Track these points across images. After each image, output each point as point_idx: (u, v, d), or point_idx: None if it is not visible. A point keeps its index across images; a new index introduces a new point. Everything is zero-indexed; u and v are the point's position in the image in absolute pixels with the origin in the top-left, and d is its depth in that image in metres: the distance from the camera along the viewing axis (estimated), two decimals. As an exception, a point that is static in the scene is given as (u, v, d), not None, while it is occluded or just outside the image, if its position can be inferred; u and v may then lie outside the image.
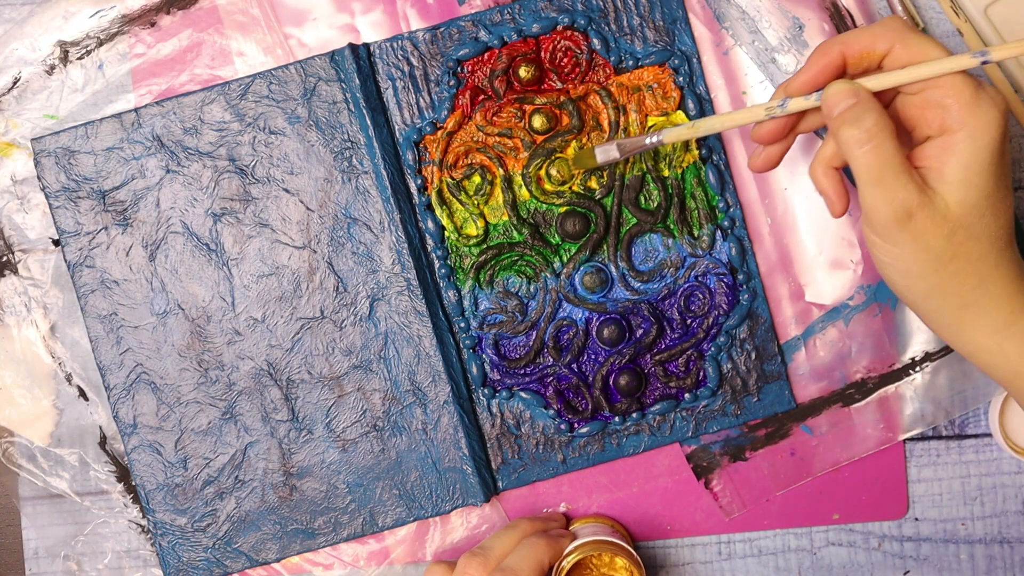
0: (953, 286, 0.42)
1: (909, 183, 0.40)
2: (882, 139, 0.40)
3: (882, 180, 0.40)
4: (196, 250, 0.54)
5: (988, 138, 0.40)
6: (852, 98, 0.41)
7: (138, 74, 0.55)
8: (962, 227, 0.41)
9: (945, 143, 0.41)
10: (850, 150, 0.41)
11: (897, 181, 0.40)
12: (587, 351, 0.55)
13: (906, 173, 0.40)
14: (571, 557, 0.51)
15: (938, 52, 0.41)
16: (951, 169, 0.40)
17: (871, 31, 0.42)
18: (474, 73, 0.54)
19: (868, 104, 0.41)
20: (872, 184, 0.41)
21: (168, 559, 0.55)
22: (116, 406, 0.55)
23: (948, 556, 0.56)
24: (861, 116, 0.41)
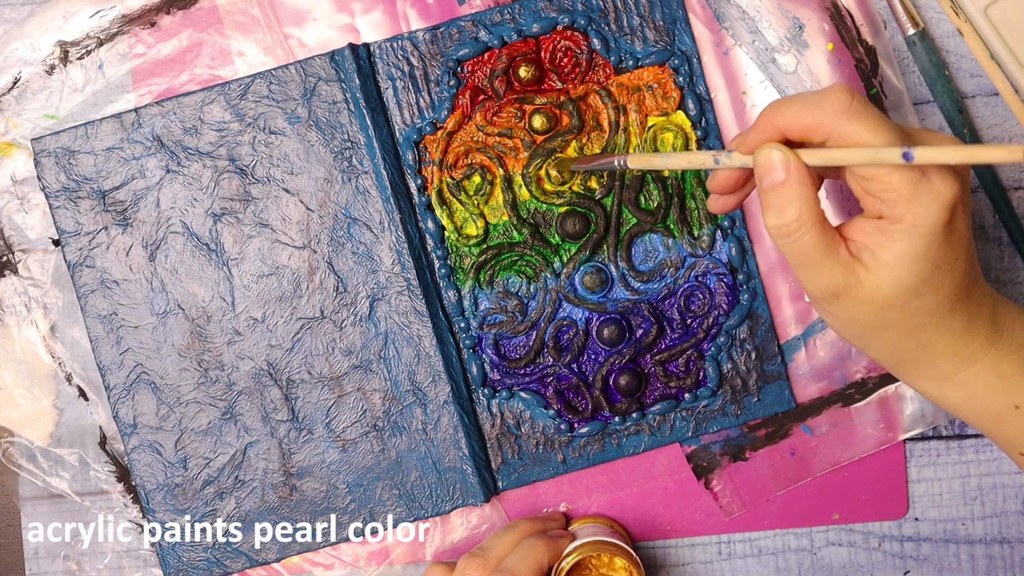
0: (888, 347, 0.42)
1: (835, 267, 0.39)
2: (803, 231, 0.39)
3: (805, 266, 0.40)
4: (196, 250, 0.54)
5: (926, 230, 0.38)
6: (781, 173, 0.39)
7: (138, 74, 0.55)
8: (894, 306, 0.40)
9: (882, 227, 0.39)
10: (773, 236, 0.40)
11: (820, 267, 0.39)
12: (587, 351, 0.55)
13: (830, 258, 0.39)
14: (571, 557, 0.51)
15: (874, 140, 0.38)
16: (885, 254, 0.39)
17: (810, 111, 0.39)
18: (474, 73, 0.54)
19: (793, 190, 0.39)
20: (796, 267, 0.40)
21: (168, 559, 0.55)
22: (116, 406, 0.55)
23: (948, 556, 0.56)
24: (784, 206, 0.39)
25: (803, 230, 0.39)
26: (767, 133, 0.40)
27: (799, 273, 0.41)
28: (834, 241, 0.40)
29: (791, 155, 0.39)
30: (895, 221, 0.38)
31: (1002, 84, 0.54)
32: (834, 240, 0.40)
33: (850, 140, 0.38)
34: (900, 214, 0.38)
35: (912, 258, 0.39)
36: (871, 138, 0.38)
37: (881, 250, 0.39)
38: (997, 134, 0.55)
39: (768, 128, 0.40)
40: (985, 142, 0.55)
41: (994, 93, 0.55)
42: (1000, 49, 0.53)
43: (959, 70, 0.55)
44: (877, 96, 0.54)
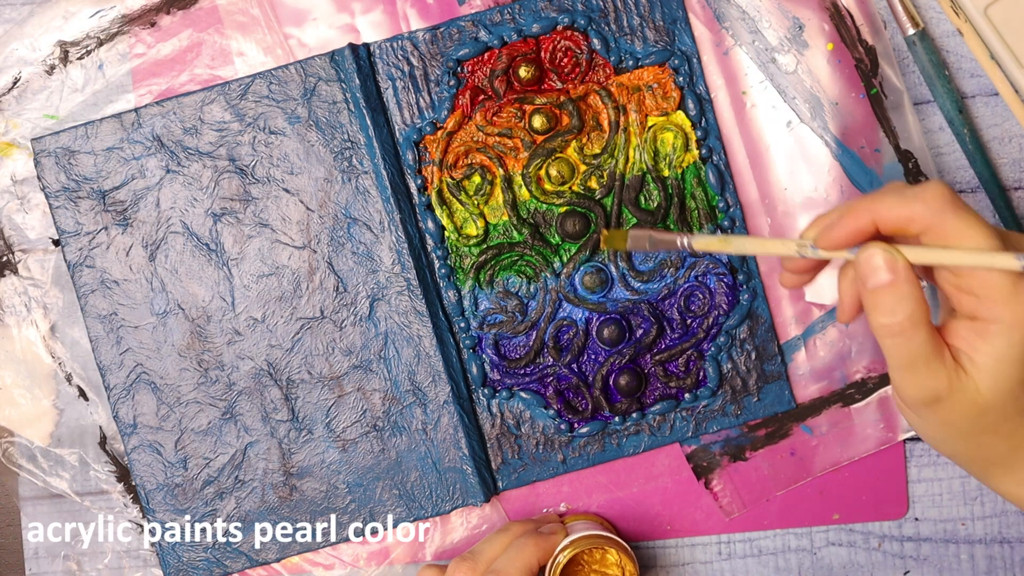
0: (981, 452, 0.41)
1: (940, 370, 0.39)
2: (915, 331, 0.38)
3: (913, 368, 0.39)
4: (196, 250, 0.54)
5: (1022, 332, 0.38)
6: (889, 274, 0.39)
7: (138, 74, 0.55)
8: (993, 409, 0.39)
9: (979, 329, 0.39)
10: (880, 336, 0.39)
11: (927, 368, 0.39)
12: (587, 351, 0.55)
13: (937, 359, 0.39)
14: (566, 552, 0.51)
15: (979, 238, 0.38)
16: (983, 358, 0.38)
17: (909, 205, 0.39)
18: (474, 73, 0.54)
19: (904, 289, 0.38)
20: (900, 369, 0.40)
21: (168, 559, 0.55)
22: (116, 406, 0.55)
23: (948, 556, 0.56)
24: (895, 305, 0.39)
25: (915, 329, 0.39)
26: (860, 223, 0.40)
27: (902, 375, 0.40)
28: (940, 344, 0.39)
29: (898, 255, 0.39)
30: (992, 321, 0.38)
31: (1002, 84, 0.54)
32: (940, 344, 0.39)
33: (951, 236, 0.38)
34: (998, 314, 0.38)
35: (1011, 359, 0.38)
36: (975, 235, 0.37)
37: (979, 353, 0.38)
38: (997, 134, 0.55)
39: (863, 218, 0.39)
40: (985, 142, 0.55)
41: (994, 93, 0.55)
42: (1000, 49, 0.53)
43: (959, 70, 0.55)
44: (877, 96, 0.54)
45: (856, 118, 0.55)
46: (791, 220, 0.55)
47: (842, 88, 0.54)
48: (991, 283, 0.38)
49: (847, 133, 0.55)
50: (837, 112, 0.54)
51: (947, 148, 0.55)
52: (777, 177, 0.55)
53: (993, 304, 0.38)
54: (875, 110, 0.54)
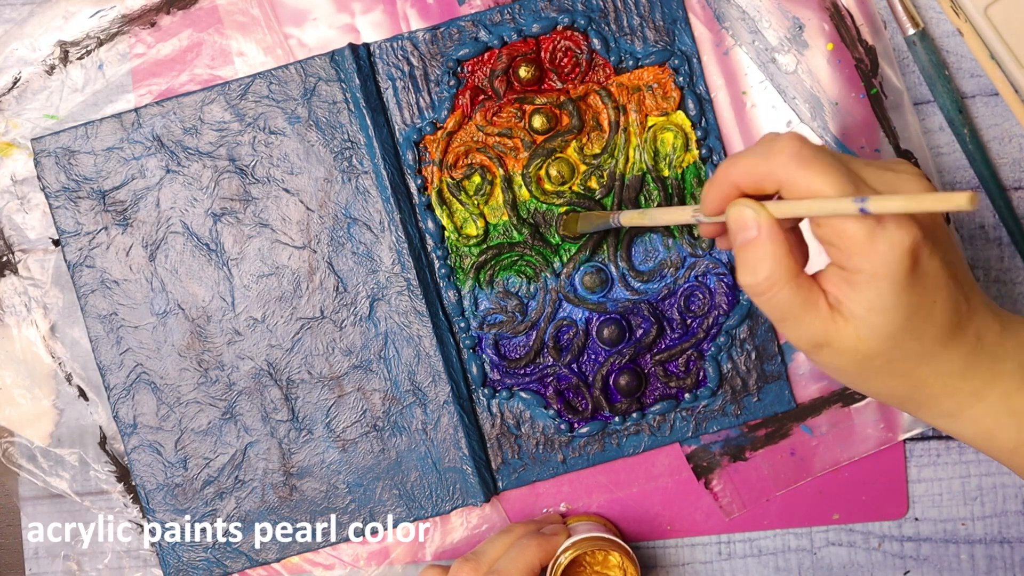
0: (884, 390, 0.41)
1: (813, 321, 0.39)
2: (776, 289, 0.38)
3: (784, 321, 0.39)
4: (196, 250, 0.54)
5: (890, 280, 0.37)
6: (752, 229, 0.39)
7: (138, 74, 0.55)
8: (877, 355, 0.39)
9: (848, 279, 0.38)
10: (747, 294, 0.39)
11: (799, 321, 0.39)
12: (587, 351, 0.55)
13: (808, 312, 0.38)
14: (568, 554, 0.51)
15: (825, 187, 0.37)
16: (855, 307, 0.38)
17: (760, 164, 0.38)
18: (474, 73, 0.54)
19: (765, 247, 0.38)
20: (778, 323, 0.40)
21: (168, 559, 0.55)
22: (116, 406, 0.55)
23: (948, 556, 0.56)
24: (756, 264, 0.38)
25: (776, 288, 0.38)
26: (724, 189, 0.40)
27: (779, 327, 0.40)
28: (812, 294, 0.39)
29: (761, 211, 0.38)
30: (855, 271, 0.37)
31: (1002, 84, 0.54)
32: (812, 293, 0.39)
33: (803, 188, 0.37)
34: (858, 264, 0.37)
35: (881, 308, 0.38)
36: (823, 186, 0.37)
37: (850, 302, 0.38)
38: (997, 134, 0.55)
39: (724, 184, 0.40)
40: (985, 142, 0.55)
41: (994, 93, 0.55)
42: (1000, 49, 0.53)
43: (959, 70, 0.55)
44: (877, 96, 0.54)
45: (856, 118, 0.55)
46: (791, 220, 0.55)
47: (842, 88, 0.54)
48: (847, 233, 0.37)
49: (847, 133, 0.55)
50: (837, 112, 0.54)
51: (947, 148, 0.55)
52: (777, 177, 0.55)
53: (852, 255, 0.37)
54: (875, 110, 0.54)
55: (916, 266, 0.37)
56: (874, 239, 0.37)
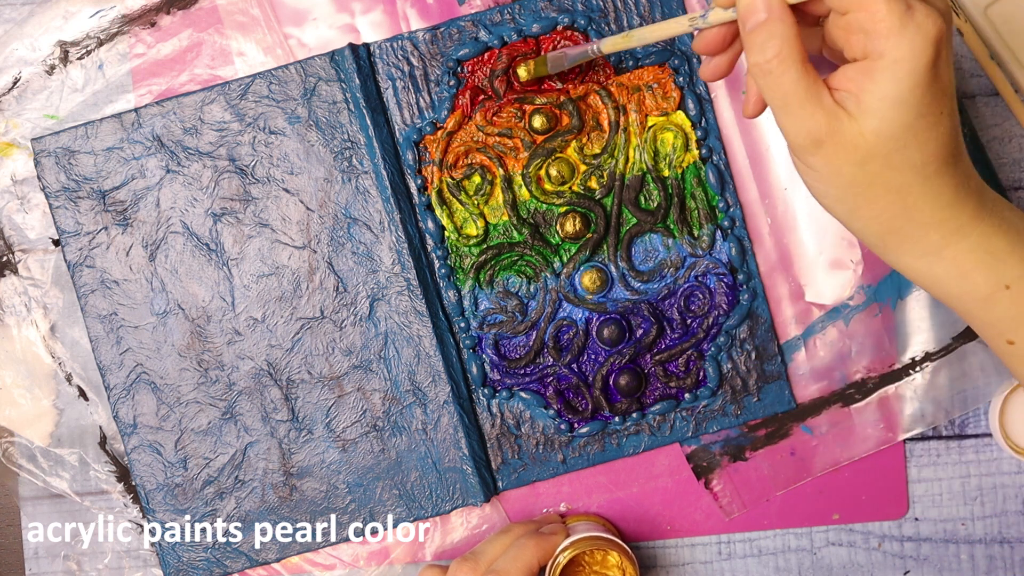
0: (874, 212, 0.41)
1: (816, 111, 0.38)
2: (784, 68, 0.38)
3: (787, 108, 0.39)
4: (196, 250, 0.54)
5: (911, 68, 0.37)
6: (762, 12, 0.38)
7: (138, 74, 0.55)
8: (878, 156, 0.39)
9: (865, 68, 0.38)
10: (754, 78, 0.39)
11: (802, 110, 0.38)
12: (587, 351, 0.55)
13: (812, 101, 0.38)
14: (566, 553, 0.51)
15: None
16: (868, 98, 0.38)
17: None
18: (474, 73, 0.54)
19: (774, 27, 0.38)
20: (778, 111, 0.39)
21: (168, 559, 0.55)
22: (116, 406, 0.55)
23: (948, 556, 0.56)
24: (765, 42, 0.38)
25: (784, 66, 0.38)
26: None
27: (780, 118, 0.40)
28: (816, 85, 0.38)
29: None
30: (878, 57, 0.37)
31: (1002, 84, 0.54)
32: (817, 84, 0.39)
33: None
34: (883, 48, 0.37)
35: (895, 99, 0.37)
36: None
37: (864, 93, 0.38)
38: (997, 134, 0.55)
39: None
40: (985, 142, 0.55)
41: (994, 93, 0.55)
42: (1000, 49, 0.53)
43: (959, 70, 0.55)
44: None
45: (856, 118, 0.54)
46: (791, 219, 0.55)
47: (842, 88, 0.54)
48: (878, 16, 0.37)
49: (847, 133, 0.55)
50: (837, 112, 0.54)
51: (947, 148, 0.55)
52: (777, 177, 0.55)
53: (879, 38, 0.37)
54: (875, 110, 0.54)
55: (936, 61, 0.37)
56: (904, 24, 0.37)
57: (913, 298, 0.55)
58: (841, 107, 0.38)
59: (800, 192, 0.55)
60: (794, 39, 0.38)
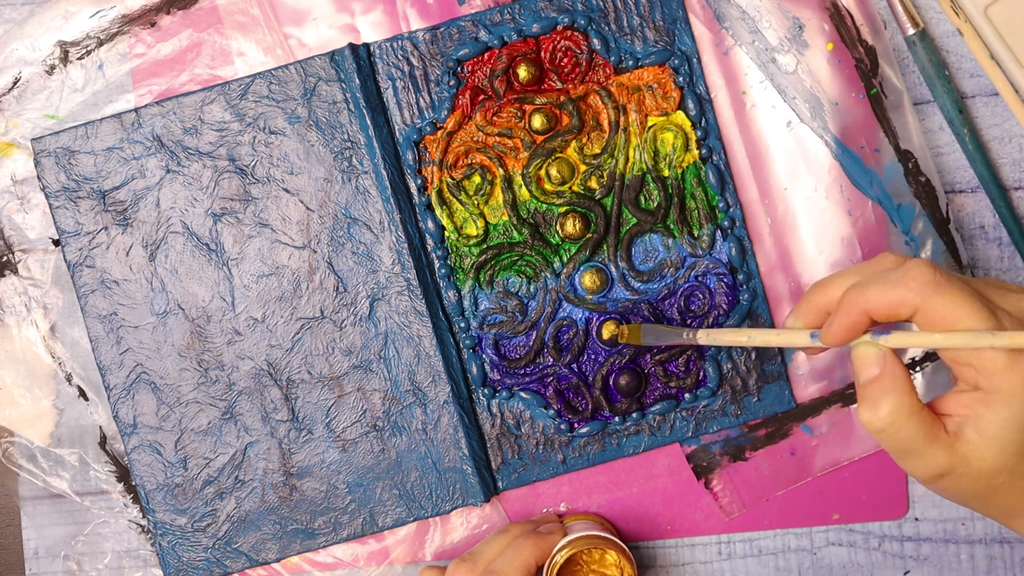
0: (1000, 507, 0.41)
1: (937, 452, 0.39)
2: (898, 426, 0.39)
3: (905, 455, 0.40)
4: (196, 250, 0.54)
5: None
6: (875, 367, 0.40)
7: (138, 74, 0.55)
8: (1002, 471, 0.39)
9: (981, 399, 0.39)
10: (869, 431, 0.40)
11: (922, 455, 0.40)
12: (587, 351, 0.55)
13: (931, 443, 0.39)
14: (563, 552, 0.51)
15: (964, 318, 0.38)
16: (988, 425, 0.39)
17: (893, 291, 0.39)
18: (474, 73, 0.54)
19: (887, 383, 0.40)
20: (898, 456, 0.40)
21: (168, 559, 0.55)
22: (116, 406, 0.55)
23: (948, 556, 0.56)
24: (878, 401, 0.40)
25: (898, 424, 0.39)
26: (853, 318, 0.41)
27: (899, 461, 0.41)
28: (933, 428, 0.39)
29: (886, 349, 0.40)
30: (992, 391, 0.38)
31: (1002, 84, 0.54)
32: (933, 426, 0.39)
33: (938, 316, 0.38)
34: (997, 385, 0.38)
35: (1015, 426, 0.38)
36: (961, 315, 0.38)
37: (983, 421, 0.39)
38: (997, 134, 0.55)
39: (854, 312, 0.40)
40: (985, 142, 0.55)
41: (994, 93, 0.55)
42: (1000, 49, 0.53)
43: (959, 70, 0.55)
44: (877, 96, 0.54)
45: (856, 118, 0.55)
46: (791, 219, 0.55)
47: (842, 88, 0.54)
48: (986, 357, 0.38)
49: (847, 133, 0.55)
50: (837, 112, 0.54)
51: (947, 148, 0.55)
52: (777, 177, 0.55)
53: (991, 376, 0.38)
54: (875, 110, 0.54)
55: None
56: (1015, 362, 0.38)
57: (913, 298, 0.55)
58: (957, 435, 0.39)
59: (800, 192, 0.55)
60: (907, 393, 0.40)
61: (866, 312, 0.40)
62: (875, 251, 0.55)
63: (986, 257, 0.56)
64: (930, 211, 0.54)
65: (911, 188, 0.55)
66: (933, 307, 0.39)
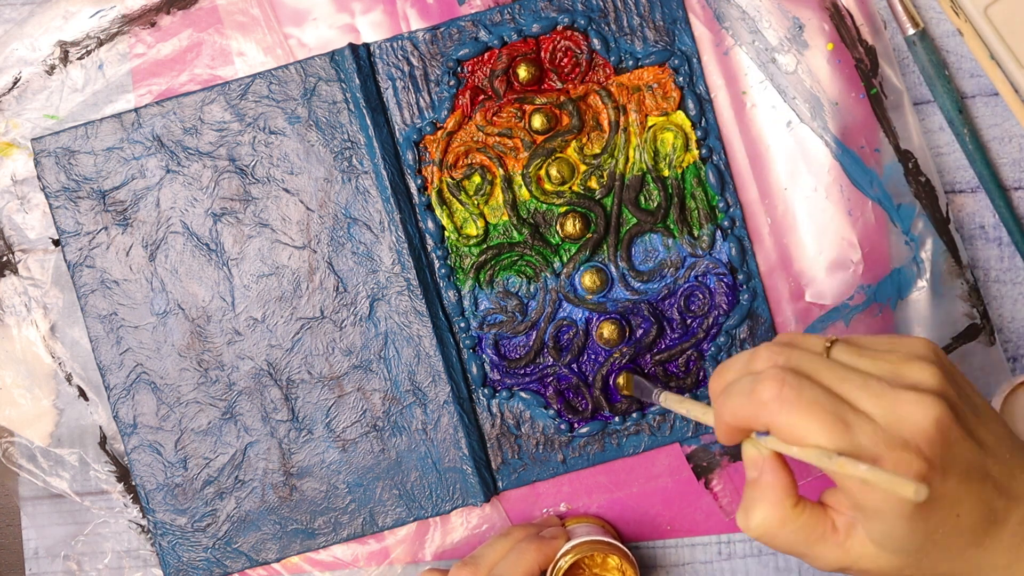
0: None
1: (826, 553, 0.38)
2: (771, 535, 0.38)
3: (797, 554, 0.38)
4: (196, 250, 0.54)
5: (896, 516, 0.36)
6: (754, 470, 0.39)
7: (138, 74, 0.55)
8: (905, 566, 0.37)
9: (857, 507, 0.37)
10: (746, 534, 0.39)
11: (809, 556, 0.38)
12: (587, 351, 0.55)
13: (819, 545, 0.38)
14: (567, 558, 0.51)
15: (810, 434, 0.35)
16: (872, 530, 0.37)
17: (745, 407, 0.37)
18: (474, 73, 0.54)
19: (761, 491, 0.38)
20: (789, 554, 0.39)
21: (168, 559, 0.55)
22: (116, 406, 0.55)
23: (948, 556, 0.56)
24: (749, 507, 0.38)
25: (771, 533, 0.38)
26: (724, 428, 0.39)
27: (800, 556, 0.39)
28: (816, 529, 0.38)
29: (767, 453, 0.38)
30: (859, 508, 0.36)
31: (1002, 84, 0.54)
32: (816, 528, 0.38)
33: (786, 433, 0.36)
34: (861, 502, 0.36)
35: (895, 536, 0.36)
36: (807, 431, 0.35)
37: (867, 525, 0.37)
38: (997, 134, 0.55)
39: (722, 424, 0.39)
40: (985, 142, 0.55)
41: (994, 93, 0.55)
42: (1000, 49, 0.53)
43: (959, 70, 0.55)
44: (877, 96, 0.54)
45: (856, 118, 0.55)
46: (791, 219, 0.55)
47: (842, 88, 0.54)
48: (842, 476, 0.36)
49: (847, 133, 0.55)
50: (837, 112, 0.54)
51: (947, 148, 0.55)
52: (777, 177, 0.55)
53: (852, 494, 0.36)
54: (875, 110, 0.54)
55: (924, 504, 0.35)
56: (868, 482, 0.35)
57: (913, 298, 0.55)
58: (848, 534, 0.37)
59: (800, 192, 0.55)
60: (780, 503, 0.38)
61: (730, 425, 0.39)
62: (875, 251, 0.55)
63: (986, 257, 0.56)
64: (930, 211, 0.54)
65: (911, 188, 0.55)
66: (780, 425, 0.36)
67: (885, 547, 0.37)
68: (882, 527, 0.36)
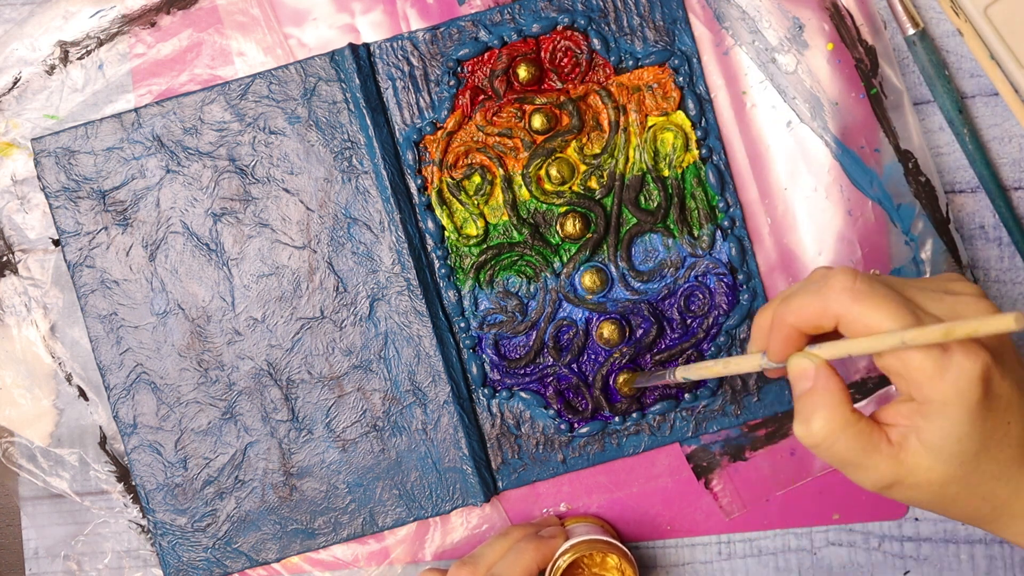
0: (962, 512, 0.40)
1: (879, 463, 0.38)
2: (832, 440, 0.38)
3: (847, 467, 0.39)
4: (196, 250, 0.54)
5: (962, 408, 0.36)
6: (807, 380, 0.39)
7: (138, 74, 0.55)
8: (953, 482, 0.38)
9: (918, 409, 0.38)
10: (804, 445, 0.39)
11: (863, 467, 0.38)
12: (587, 351, 0.55)
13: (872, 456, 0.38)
14: (566, 557, 0.51)
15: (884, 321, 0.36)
16: (928, 436, 0.37)
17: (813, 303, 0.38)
18: (474, 73, 0.54)
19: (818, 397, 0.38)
20: (841, 468, 0.39)
21: (168, 559, 0.55)
22: (116, 406, 0.55)
23: (948, 556, 0.56)
24: (810, 415, 0.38)
25: (831, 439, 0.38)
26: (784, 332, 0.39)
27: (845, 472, 0.39)
28: (872, 438, 0.38)
29: (819, 361, 0.39)
30: (925, 402, 0.37)
31: (1002, 84, 0.54)
32: (872, 437, 0.38)
33: (859, 324, 0.37)
34: (927, 395, 0.37)
35: (957, 436, 0.37)
36: (881, 319, 0.36)
37: (924, 432, 0.37)
38: (997, 134, 0.55)
39: (784, 327, 0.39)
40: (985, 142, 0.55)
41: (994, 93, 0.55)
42: (1000, 49, 0.53)
43: (959, 70, 0.55)
44: (877, 96, 0.54)
45: (856, 118, 0.55)
46: (791, 219, 0.55)
47: (842, 88, 0.54)
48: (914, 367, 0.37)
49: (847, 133, 0.55)
50: (837, 112, 0.54)
51: (947, 148, 0.55)
52: (777, 177, 0.55)
53: (920, 386, 0.37)
54: (875, 110, 0.54)
55: (988, 391, 0.37)
56: (943, 368, 0.36)
57: (913, 298, 0.55)
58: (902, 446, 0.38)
59: (800, 192, 0.55)
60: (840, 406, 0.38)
61: (793, 326, 0.39)
62: (875, 251, 0.55)
63: (986, 257, 0.56)
64: (930, 211, 0.55)
65: (911, 188, 0.55)
66: (853, 315, 0.37)
67: (941, 455, 0.37)
68: (943, 426, 0.37)
